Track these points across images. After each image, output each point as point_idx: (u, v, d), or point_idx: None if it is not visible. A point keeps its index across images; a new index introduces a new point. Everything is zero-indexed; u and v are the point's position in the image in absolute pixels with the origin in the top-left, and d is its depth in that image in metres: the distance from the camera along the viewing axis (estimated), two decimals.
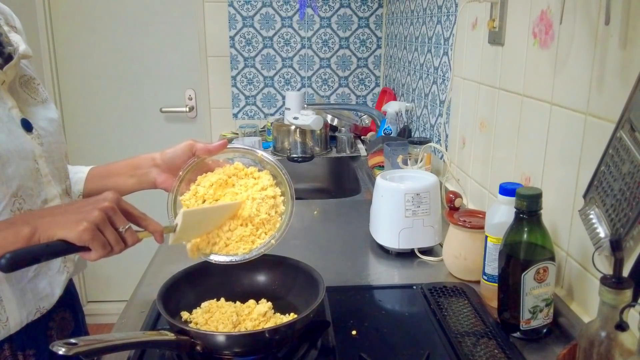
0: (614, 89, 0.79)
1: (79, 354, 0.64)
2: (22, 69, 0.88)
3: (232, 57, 2.62)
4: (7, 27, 0.88)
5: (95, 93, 2.68)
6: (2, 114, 0.79)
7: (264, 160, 0.93)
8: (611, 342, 0.62)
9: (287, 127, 2.14)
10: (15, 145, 0.78)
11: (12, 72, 0.82)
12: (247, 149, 0.95)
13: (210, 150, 0.90)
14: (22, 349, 0.83)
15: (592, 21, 0.83)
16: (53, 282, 0.86)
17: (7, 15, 0.91)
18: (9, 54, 0.83)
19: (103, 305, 2.87)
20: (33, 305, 0.82)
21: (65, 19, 2.61)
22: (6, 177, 0.76)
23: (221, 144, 0.91)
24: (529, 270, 0.83)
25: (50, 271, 0.85)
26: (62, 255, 0.71)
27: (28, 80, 0.89)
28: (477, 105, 1.36)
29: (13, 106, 0.81)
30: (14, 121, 0.80)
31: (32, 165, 0.81)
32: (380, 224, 1.20)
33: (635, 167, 0.72)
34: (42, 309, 0.84)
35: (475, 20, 1.36)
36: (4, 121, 0.78)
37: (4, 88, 0.81)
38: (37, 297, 0.83)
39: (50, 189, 0.85)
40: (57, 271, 0.87)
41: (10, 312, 0.79)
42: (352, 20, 2.62)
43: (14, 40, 0.85)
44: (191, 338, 0.75)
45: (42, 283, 0.84)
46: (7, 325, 0.79)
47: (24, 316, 0.81)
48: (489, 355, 0.81)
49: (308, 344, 0.83)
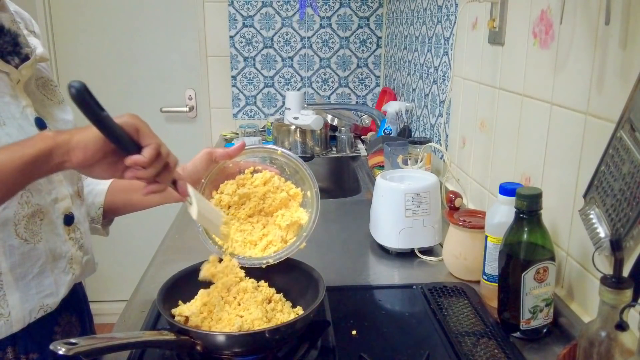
0: (614, 89, 0.78)
1: (79, 353, 0.64)
2: (39, 70, 0.91)
3: (232, 57, 2.62)
4: (27, 32, 0.91)
5: (95, 93, 2.64)
6: (16, 111, 0.81)
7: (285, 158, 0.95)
8: (611, 342, 0.62)
9: (287, 127, 2.14)
10: None
11: (27, 72, 0.85)
12: (267, 148, 0.96)
13: (229, 154, 0.92)
14: (25, 352, 0.83)
15: (592, 21, 0.83)
16: (58, 281, 0.85)
17: (27, 21, 0.94)
18: (26, 54, 0.85)
19: (103, 305, 2.86)
20: (37, 302, 0.82)
21: (65, 19, 2.61)
22: None
23: (239, 146, 0.92)
24: (529, 270, 0.83)
25: (56, 269, 0.85)
26: (113, 135, 0.68)
27: (45, 82, 0.91)
28: (477, 105, 1.36)
29: (27, 105, 0.83)
30: (27, 119, 0.82)
31: None
32: (380, 224, 1.20)
33: (635, 167, 0.72)
34: (46, 307, 0.84)
35: (476, 20, 1.36)
36: (16, 117, 0.80)
37: (19, 87, 0.83)
38: (41, 294, 0.83)
39: (61, 189, 0.86)
40: (63, 270, 0.86)
41: (13, 306, 0.79)
42: (352, 20, 2.62)
43: (32, 43, 0.88)
44: (191, 338, 0.75)
45: (47, 280, 0.84)
46: (9, 321, 0.79)
47: (27, 312, 0.81)
48: (489, 355, 0.81)
49: (308, 344, 0.83)
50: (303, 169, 0.95)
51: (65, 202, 0.87)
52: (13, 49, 0.84)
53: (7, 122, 0.78)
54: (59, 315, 0.88)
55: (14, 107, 0.81)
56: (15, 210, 0.78)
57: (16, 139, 0.75)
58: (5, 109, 0.80)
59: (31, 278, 0.81)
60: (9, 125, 0.79)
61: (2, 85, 0.81)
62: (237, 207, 0.93)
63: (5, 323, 0.78)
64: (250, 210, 0.94)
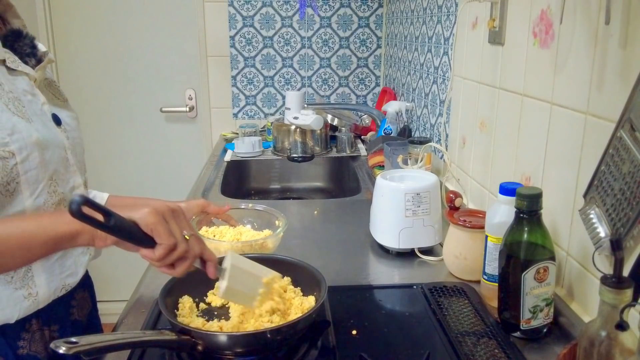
0: (614, 88, 0.79)
1: (80, 352, 0.64)
2: (46, 72, 0.99)
3: (232, 57, 2.62)
4: None
5: (95, 93, 2.68)
6: (37, 108, 0.90)
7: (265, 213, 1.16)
8: (611, 342, 0.62)
9: (287, 127, 2.14)
10: (51, 135, 0.89)
11: (41, 73, 0.94)
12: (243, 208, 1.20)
13: (219, 212, 1.12)
14: (47, 325, 0.93)
15: (592, 21, 0.83)
16: (77, 262, 0.95)
17: None
18: (40, 56, 0.96)
19: (104, 305, 2.84)
20: (60, 281, 0.92)
21: (65, 19, 2.61)
22: (45, 160, 0.87)
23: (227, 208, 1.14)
24: (529, 270, 0.83)
25: (75, 251, 0.95)
26: (125, 236, 0.70)
27: (50, 82, 1.01)
28: (477, 105, 1.36)
29: (45, 102, 0.92)
30: (46, 115, 0.91)
31: (63, 154, 0.92)
32: (381, 224, 1.21)
33: (635, 167, 0.72)
34: (67, 286, 0.94)
35: (476, 20, 1.36)
36: (38, 114, 0.89)
37: (36, 86, 0.92)
38: (64, 274, 0.93)
39: (76, 178, 0.96)
40: (81, 252, 0.97)
41: (40, 287, 0.89)
42: (352, 20, 2.62)
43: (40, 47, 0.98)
44: (192, 338, 0.75)
45: (69, 262, 0.93)
46: (36, 299, 0.88)
47: (52, 291, 0.90)
48: (489, 355, 0.81)
49: (308, 344, 0.83)
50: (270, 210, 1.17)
51: (80, 190, 0.96)
52: (31, 51, 0.95)
53: (34, 119, 0.87)
54: (75, 291, 0.98)
55: (35, 104, 0.90)
56: (45, 198, 0.87)
57: (43, 134, 0.86)
58: (30, 107, 0.88)
59: (55, 260, 0.91)
60: (35, 121, 0.87)
61: (25, 84, 0.89)
62: None
63: (34, 302, 0.88)
64: None
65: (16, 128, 0.82)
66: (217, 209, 1.11)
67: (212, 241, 1.05)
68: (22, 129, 0.83)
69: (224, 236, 1.10)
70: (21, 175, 0.83)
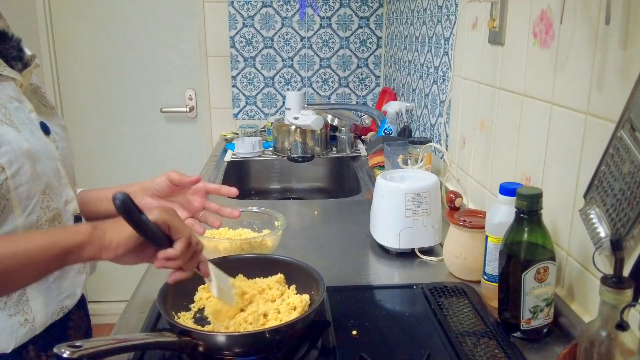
0: (614, 88, 0.79)
1: (83, 356, 0.64)
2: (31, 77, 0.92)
3: (232, 57, 2.62)
4: None
5: (96, 93, 2.68)
6: (24, 116, 0.82)
7: None
8: (612, 342, 0.62)
9: (288, 127, 2.14)
10: (40, 145, 0.82)
11: (27, 78, 0.87)
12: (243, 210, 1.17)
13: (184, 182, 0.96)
14: (44, 350, 0.86)
15: (592, 21, 0.83)
16: (74, 282, 0.89)
17: None
18: (27, 60, 0.88)
19: (103, 306, 2.87)
20: (57, 304, 0.86)
21: (65, 19, 2.61)
22: (37, 173, 0.80)
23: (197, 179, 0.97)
24: (530, 270, 0.83)
25: (72, 271, 0.89)
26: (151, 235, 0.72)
27: (35, 88, 0.93)
28: (477, 105, 1.36)
29: (32, 109, 0.85)
30: (34, 124, 0.84)
31: (54, 165, 0.85)
32: (381, 224, 1.20)
33: (635, 167, 0.72)
34: (65, 308, 0.88)
35: (476, 20, 1.36)
36: (25, 123, 0.82)
37: (22, 92, 0.85)
38: (61, 296, 0.87)
39: (68, 191, 0.88)
40: (78, 271, 0.90)
41: (36, 312, 0.82)
42: (352, 20, 2.62)
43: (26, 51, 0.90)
44: (193, 339, 0.75)
45: (65, 282, 0.87)
46: (33, 326, 0.82)
47: (49, 315, 0.84)
48: (490, 355, 0.81)
49: (308, 344, 0.83)
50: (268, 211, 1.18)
51: (73, 203, 0.89)
52: (18, 54, 0.86)
53: (21, 128, 0.80)
54: (71, 312, 0.91)
55: (22, 112, 0.82)
56: (38, 215, 0.81)
57: (33, 144, 0.80)
58: (17, 115, 0.81)
59: (52, 281, 0.85)
60: (23, 130, 0.80)
61: (11, 90, 0.82)
62: None
63: (31, 328, 0.82)
64: None
65: (4, 139, 0.75)
66: (180, 176, 0.96)
67: (212, 240, 1.05)
68: (11, 139, 0.76)
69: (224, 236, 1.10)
70: (12, 191, 0.76)
